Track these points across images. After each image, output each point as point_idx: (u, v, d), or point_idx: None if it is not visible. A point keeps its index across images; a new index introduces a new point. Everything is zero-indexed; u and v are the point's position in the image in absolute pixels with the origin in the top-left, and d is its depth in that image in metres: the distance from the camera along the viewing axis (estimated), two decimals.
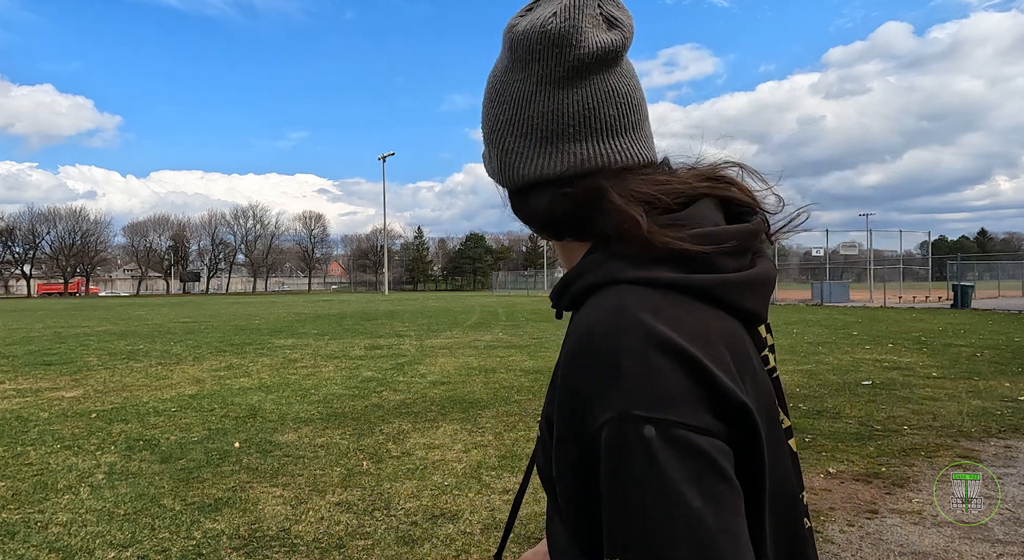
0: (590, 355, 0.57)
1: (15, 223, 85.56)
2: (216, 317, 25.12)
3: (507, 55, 0.71)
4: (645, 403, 0.53)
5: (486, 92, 0.74)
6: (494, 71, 0.73)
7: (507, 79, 0.71)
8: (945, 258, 41.87)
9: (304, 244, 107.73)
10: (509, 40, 0.70)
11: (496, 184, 0.77)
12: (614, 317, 0.58)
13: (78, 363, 11.23)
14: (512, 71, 0.70)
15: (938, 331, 15.34)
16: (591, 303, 0.62)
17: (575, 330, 0.61)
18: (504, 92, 0.71)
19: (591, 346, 0.58)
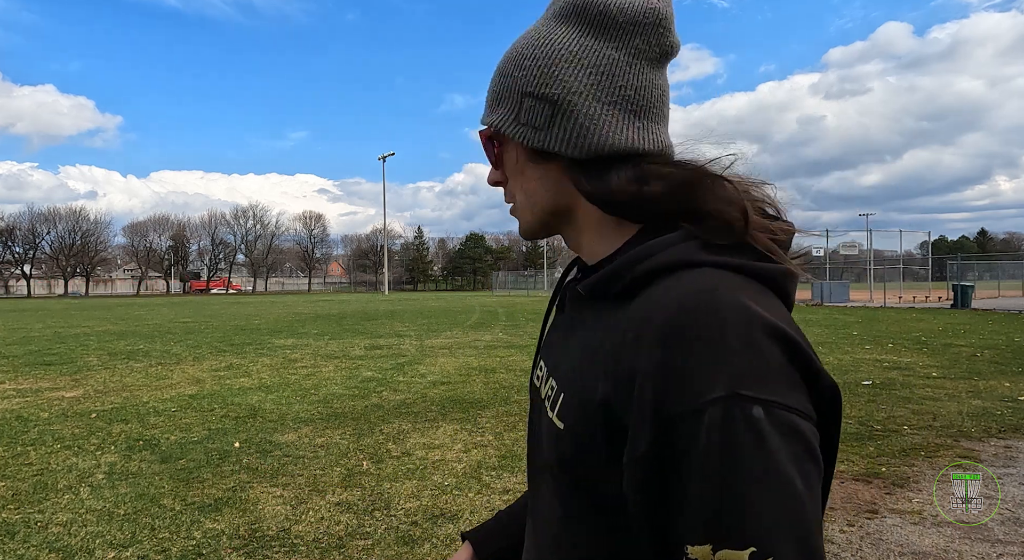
0: (690, 333, 0.54)
1: (15, 223, 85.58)
2: (216, 317, 25.12)
3: (586, 22, 0.69)
4: (753, 383, 0.52)
5: (551, 52, 0.69)
6: (556, 35, 0.70)
7: (590, 45, 0.69)
8: (945, 258, 41.86)
9: (304, 244, 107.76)
10: (601, 6, 0.68)
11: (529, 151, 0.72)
12: (712, 297, 0.56)
13: (78, 363, 11.23)
14: (598, 39, 0.69)
15: (938, 331, 15.34)
16: (671, 284, 0.60)
17: (659, 308, 0.58)
18: (587, 57, 0.68)
19: (691, 323, 0.55)
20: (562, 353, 0.74)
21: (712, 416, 0.51)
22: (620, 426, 0.58)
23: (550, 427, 0.68)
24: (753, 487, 0.50)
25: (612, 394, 0.59)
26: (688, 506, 0.52)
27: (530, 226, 0.78)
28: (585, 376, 0.64)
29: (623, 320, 0.61)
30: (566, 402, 0.66)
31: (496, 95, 0.74)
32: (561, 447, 0.65)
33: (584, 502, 0.65)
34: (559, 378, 0.70)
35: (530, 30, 0.74)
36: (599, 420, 0.61)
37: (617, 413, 0.59)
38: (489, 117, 0.75)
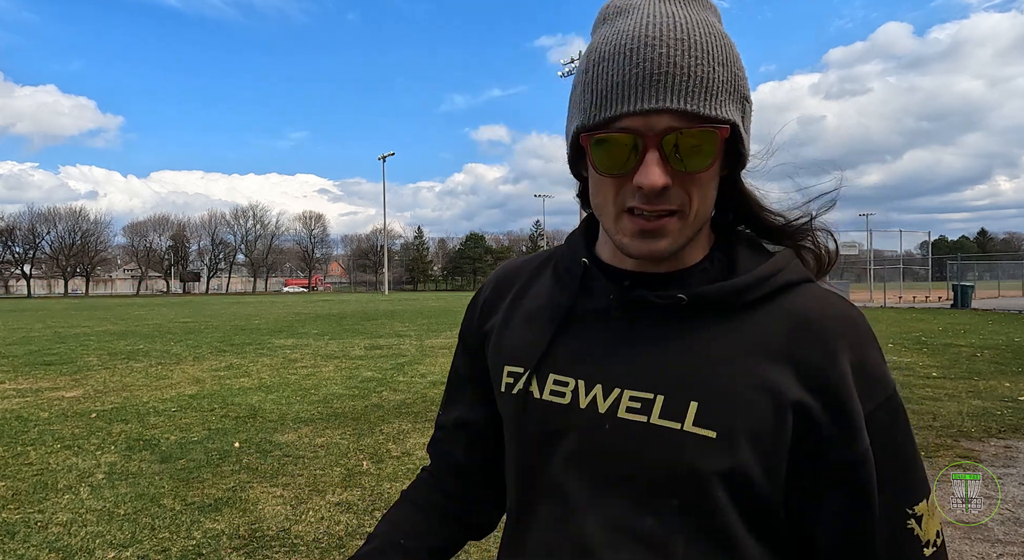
0: (869, 340, 0.70)
1: (15, 223, 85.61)
2: (216, 317, 25.12)
3: (715, 15, 0.69)
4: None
5: (725, 45, 0.66)
6: (715, 25, 0.67)
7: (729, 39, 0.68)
8: (945, 258, 41.86)
9: (304, 244, 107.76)
10: (711, 3, 0.70)
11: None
12: (858, 312, 0.72)
13: (78, 363, 11.23)
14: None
15: (938, 331, 15.33)
16: (817, 295, 0.72)
17: (845, 314, 0.71)
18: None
19: (868, 333, 0.70)
20: (649, 359, 0.70)
21: (895, 398, 0.70)
22: (813, 421, 0.66)
23: (685, 440, 0.66)
24: (918, 453, 0.72)
25: (806, 394, 0.66)
26: (909, 474, 0.69)
27: (687, 238, 0.69)
28: (741, 379, 0.67)
29: (778, 324, 0.69)
30: (709, 409, 0.66)
31: (723, 85, 0.64)
32: (720, 457, 0.65)
33: (750, 511, 0.67)
34: (666, 384, 0.68)
35: (709, 21, 0.66)
36: (789, 419, 0.66)
37: (814, 412, 0.66)
38: (726, 110, 0.64)
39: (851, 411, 0.65)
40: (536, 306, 0.81)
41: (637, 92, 0.62)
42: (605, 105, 0.64)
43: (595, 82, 0.65)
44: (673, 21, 0.63)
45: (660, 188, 0.63)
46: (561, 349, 0.76)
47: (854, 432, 0.65)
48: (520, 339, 0.80)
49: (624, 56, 0.63)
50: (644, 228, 0.66)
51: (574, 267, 0.78)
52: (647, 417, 0.68)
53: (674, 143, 0.63)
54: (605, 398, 0.71)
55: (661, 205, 0.65)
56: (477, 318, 0.89)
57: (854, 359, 0.67)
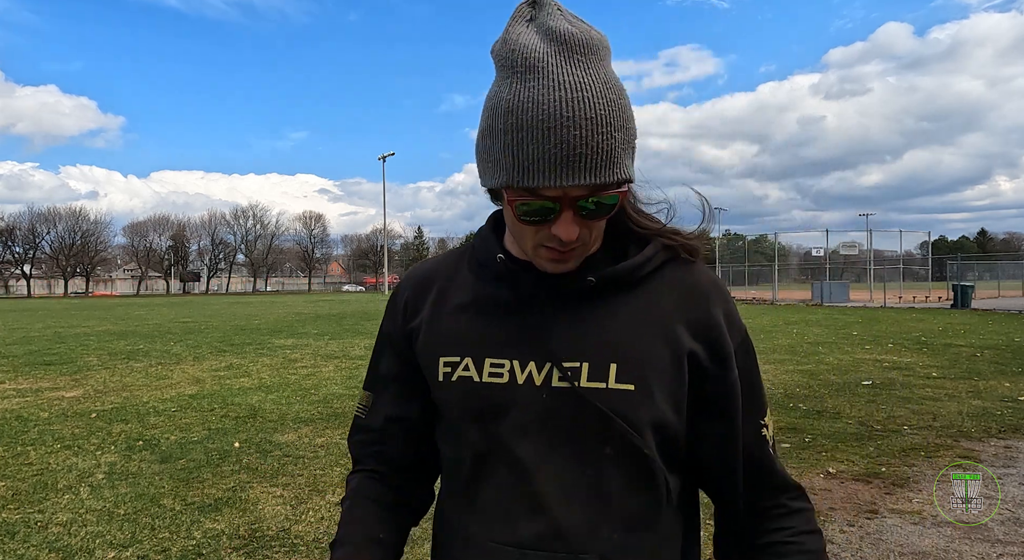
0: (727, 295, 0.90)
1: (15, 223, 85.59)
2: (216, 317, 25.12)
3: (610, 62, 0.78)
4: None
5: (619, 103, 0.75)
6: (614, 77, 0.77)
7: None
8: (945, 258, 41.86)
9: (304, 244, 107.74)
10: (607, 46, 0.77)
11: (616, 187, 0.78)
12: (717, 276, 0.93)
13: (78, 363, 11.23)
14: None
15: (938, 331, 15.34)
16: (688, 268, 0.89)
17: (705, 284, 0.88)
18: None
19: (725, 290, 0.91)
20: (571, 333, 0.83)
21: (747, 336, 0.90)
22: (701, 366, 0.84)
23: (611, 397, 0.81)
24: (762, 378, 0.92)
25: (696, 344, 0.84)
26: (758, 393, 0.90)
27: (588, 254, 0.85)
28: (647, 340, 0.83)
29: (667, 295, 0.86)
30: (626, 368, 0.81)
31: (622, 149, 0.75)
32: (642, 406, 0.81)
33: (667, 448, 0.84)
34: (588, 352, 0.82)
35: (608, 77, 0.74)
36: (684, 367, 0.83)
37: (701, 359, 0.84)
38: (625, 172, 0.75)
39: (726, 351, 0.85)
40: (462, 300, 0.90)
41: (557, 171, 0.72)
42: (528, 176, 0.73)
43: (517, 150, 0.73)
44: (582, 97, 0.71)
45: (575, 239, 0.78)
46: (492, 336, 0.86)
47: (728, 366, 0.85)
48: (453, 331, 0.89)
49: (542, 133, 0.71)
50: (558, 258, 0.81)
51: (491, 262, 0.88)
52: (577, 382, 0.81)
53: (585, 204, 0.76)
54: (539, 372, 0.83)
55: (571, 247, 0.79)
56: (401, 319, 0.96)
57: (723, 312, 0.87)
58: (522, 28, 0.76)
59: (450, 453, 0.92)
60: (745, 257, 41.69)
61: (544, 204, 0.75)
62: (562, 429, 0.82)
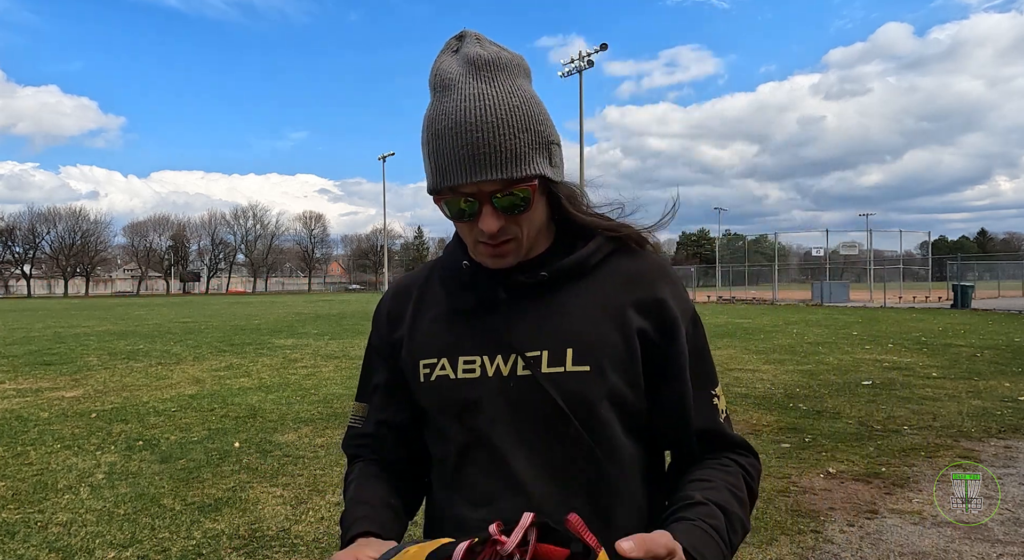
0: (675, 276, 0.99)
1: (15, 223, 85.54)
2: (216, 317, 25.12)
3: (524, 77, 0.90)
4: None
5: (542, 107, 0.89)
6: (533, 91, 0.90)
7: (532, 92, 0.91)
8: (945, 258, 41.85)
9: (304, 244, 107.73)
10: (522, 65, 0.90)
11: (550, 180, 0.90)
12: (664, 259, 1.02)
13: (78, 363, 11.23)
14: (533, 90, 0.92)
15: (938, 331, 15.34)
16: (631, 257, 0.99)
17: (652, 268, 0.98)
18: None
19: (672, 272, 1.00)
20: (531, 326, 0.93)
21: (696, 314, 0.98)
22: (650, 340, 0.92)
23: (569, 379, 0.89)
24: (710, 351, 1.01)
25: (644, 322, 0.93)
26: (708, 366, 0.98)
27: (525, 249, 0.93)
28: (599, 324, 0.92)
29: (614, 281, 0.95)
30: (581, 351, 0.90)
31: (529, 148, 0.85)
32: (598, 385, 0.89)
33: (626, 420, 0.93)
34: (547, 341, 0.91)
35: (513, 88, 0.86)
36: (635, 344, 0.92)
37: (650, 333, 0.93)
38: (534, 168, 0.85)
39: (673, 324, 0.93)
40: (435, 309, 1.01)
41: (466, 169, 0.83)
42: (445, 177, 0.85)
43: (435, 156, 0.86)
44: (484, 104, 0.83)
45: (496, 231, 0.86)
46: (463, 336, 0.96)
47: (675, 337, 0.93)
48: (429, 337, 0.99)
49: (451, 139, 0.83)
50: (493, 253, 0.91)
51: (456, 271, 0.99)
52: (539, 368, 0.90)
53: (500, 199, 0.85)
54: (505, 364, 0.92)
55: (501, 239, 0.89)
56: (386, 330, 1.06)
57: (669, 291, 0.95)
58: (446, 57, 0.88)
59: (438, 452, 1.00)
60: (745, 257, 41.71)
61: (463, 201, 0.86)
62: (528, 413, 0.90)
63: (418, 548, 0.72)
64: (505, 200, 0.85)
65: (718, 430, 0.96)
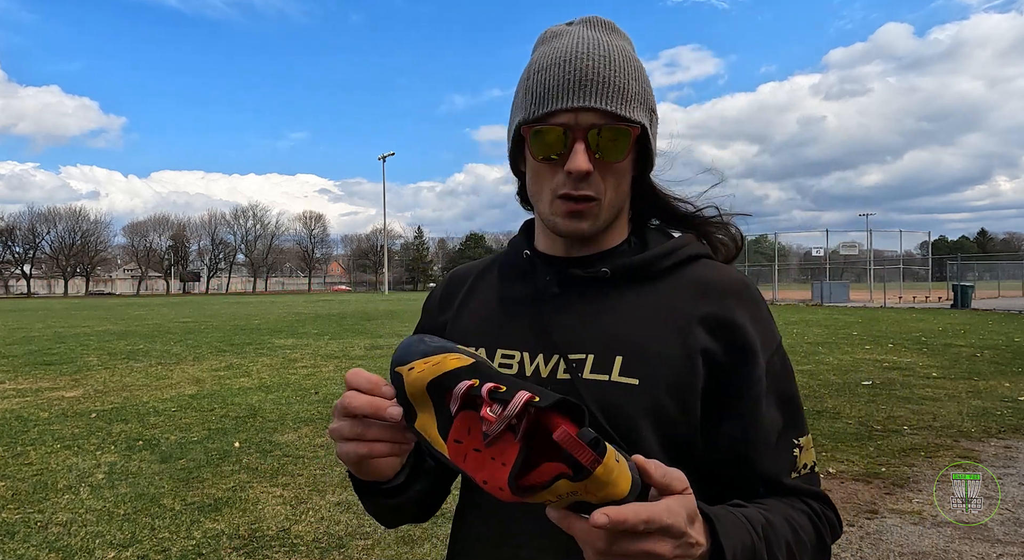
0: (758, 298, 0.86)
1: (15, 223, 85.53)
2: (216, 317, 25.11)
3: (633, 48, 0.86)
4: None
5: (637, 67, 0.83)
6: (630, 51, 0.84)
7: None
8: (945, 258, 41.85)
9: (304, 244, 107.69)
10: (629, 40, 0.87)
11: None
12: (747, 278, 0.88)
13: (78, 363, 11.23)
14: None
15: (938, 331, 15.34)
16: (710, 266, 0.87)
17: (731, 283, 0.85)
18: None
19: (755, 293, 0.86)
20: (581, 326, 0.84)
21: (782, 348, 0.85)
22: (717, 364, 0.80)
23: (612, 390, 0.79)
24: (799, 395, 0.86)
25: (712, 342, 0.81)
26: (793, 409, 0.83)
27: (604, 222, 0.84)
28: (658, 334, 0.81)
29: (685, 291, 0.84)
30: (632, 361, 0.80)
31: (636, 95, 0.80)
32: (644, 401, 0.79)
33: (671, 448, 0.80)
34: (595, 345, 0.82)
35: (626, 46, 0.84)
36: (698, 365, 0.80)
37: (718, 356, 0.80)
38: (639, 114, 0.80)
39: (750, 351, 0.81)
40: (485, 297, 0.95)
41: (568, 93, 0.77)
42: (542, 103, 0.79)
43: (535, 87, 0.80)
44: (597, 42, 0.80)
45: (584, 172, 0.77)
46: (507, 328, 0.89)
47: (751, 364, 0.81)
48: (471, 324, 0.93)
49: (558, 66, 0.79)
50: (572, 210, 0.81)
51: (518, 260, 0.92)
52: (580, 373, 0.81)
53: (596, 137, 0.78)
54: (546, 364, 0.84)
55: (584, 190, 0.79)
56: (436, 313, 1.01)
57: (749, 315, 0.83)
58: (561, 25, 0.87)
59: None
60: (745, 257, 41.66)
61: (555, 131, 0.78)
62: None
63: (423, 368, 0.64)
64: (604, 137, 0.78)
65: (790, 483, 0.81)
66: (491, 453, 0.57)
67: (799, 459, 0.82)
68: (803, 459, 0.83)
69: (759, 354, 0.81)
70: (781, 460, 0.81)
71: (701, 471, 0.82)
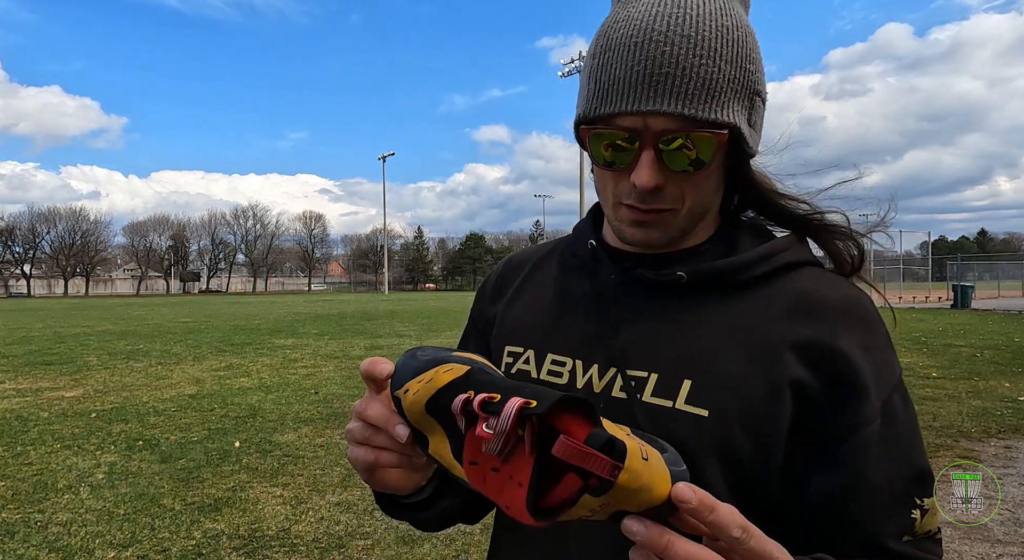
0: (873, 321, 0.69)
1: (15, 223, 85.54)
2: (216, 317, 25.11)
3: (743, 4, 0.70)
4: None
5: (755, 46, 0.67)
6: (747, 23, 0.67)
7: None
8: (945, 258, 41.86)
9: (304, 244, 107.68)
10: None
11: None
12: (861, 293, 0.72)
13: (78, 363, 11.22)
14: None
15: (938, 331, 15.34)
16: (816, 276, 0.72)
17: (837, 300, 0.69)
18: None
19: (869, 314, 0.69)
20: (646, 338, 0.70)
21: (903, 385, 0.69)
22: (811, 400, 0.65)
23: (676, 419, 0.66)
24: (923, 440, 0.69)
25: (806, 372, 0.65)
26: (915, 460, 0.66)
27: (681, 230, 0.71)
28: (738, 358, 0.67)
29: (779, 305, 0.68)
30: (703, 387, 0.66)
31: (729, 85, 0.63)
32: (713, 436, 0.65)
33: (740, 496, 0.65)
34: (660, 363, 0.69)
35: (727, 6, 0.65)
36: (785, 399, 0.65)
37: (812, 390, 0.65)
38: (728, 114, 0.63)
39: (856, 387, 0.65)
40: (539, 291, 0.82)
41: (636, 91, 0.61)
42: (605, 100, 0.64)
43: (599, 72, 0.64)
44: (684, 13, 0.62)
45: (652, 188, 0.64)
46: (561, 330, 0.76)
47: (852, 407, 0.65)
48: (521, 321, 0.81)
49: (628, 50, 0.62)
50: (639, 219, 0.68)
51: (581, 251, 0.79)
52: (639, 395, 0.68)
53: (670, 144, 0.63)
54: (600, 377, 0.71)
55: (654, 205, 0.66)
56: (489, 301, 0.89)
57: (859, 340, 0.66)
58: None
59: None
60: None
61: (618, 135, 0.64)
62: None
63: (418, 388, 0.58)
64: (676, 147, 0.63)
65: (897, 548, 0.64)
66: (509, 471, 0.48)
67: (918, 524, 0.65)
68: (925, 525, 0.65)
69: (870, 390, 0.65)
70: (892, 522, 0.64)
71: (780, 527, 0.64)
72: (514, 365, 0.78)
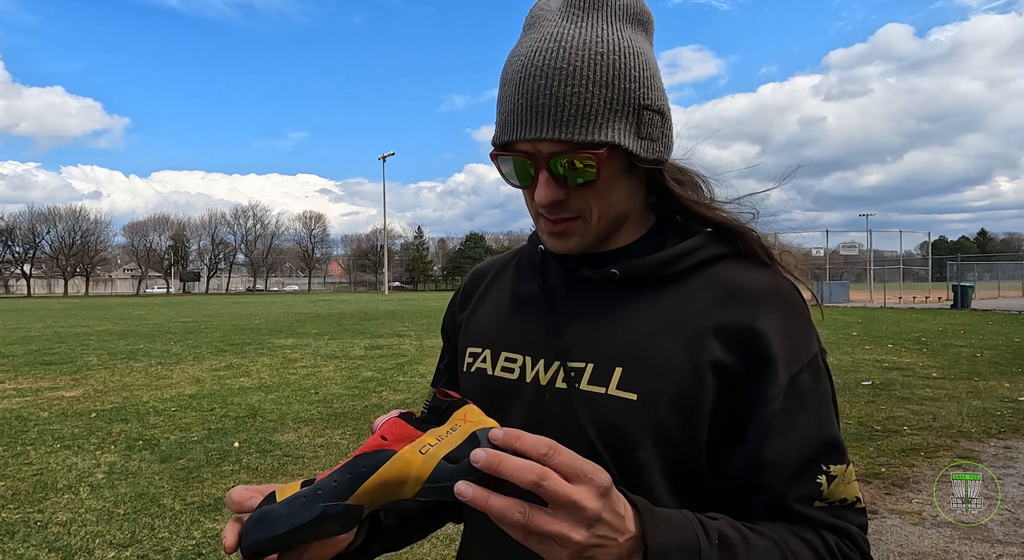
0: (793, 304, 0.75)
1: (15, 223, 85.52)
2: (216, 317, 25.10)
3: (642, 27, 0.75)
4: (819, 339, 0.76)
5: (648, 62, 0.72)
6: (641, 43, 0.72)
7: (651, 51, 0.75)
8: (945, 258, 41.86)
9: (304, 244, 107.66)
10: (647, 10, 0.75)
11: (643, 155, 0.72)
12: (783, 280, 0.78)
13: (78, 363, 11.22)
14: (649, 44, 0.75)
15: (938, 331, 15.33)
16: (735, 268, 0.77)
17: (757, 286, 0.75)
18: (656, 64, 0.75)
19: (789, 297, 0.76)
20: (584, 331, 0.77)
21: (819, 362, 0.73)
22: (731, 380, 0.70)
23: (608, 405, 0.72)
24: (837, 417, 0.74)
25: (726, 354, 0.71)
26: (824, 431, 0.71)
27: (597, 236, 0.77)
28: (665, 344, 0.73)
29: (706, 295, 0.74)
30: (631, 373, 0.72)
31: (605, 107, 0.68)
32: (643, 419, 0.71)
33: (672, 474, 0.72)
34: (595, 353, 0.75)
35: (606, 33, 0.70)
36: (707, 380, 0.70)
37: (731, 370, 0.70)
38: (605, 133, 0.68)
39: (765, 367, 0.70)
40: (499, 295, 0.90)
41: (523, 122, 0.69)
42: (504, 130, 0.72)
43: (500, 104, 0.73)
44: (559, 47, 0.68)
45: (550, 203, 0.72)
46: (514, 329, 0.84)
47: (763, 384, 0.70)
48: (481, 324, 0.89)
49: (515, 85, 0.70)
50: (552, 230, 0.76)
51: (533, 256, 0.87)
52: (577, 384, 0.74)
53: (559, 165, 0.70)
54: (546, 371, 0.78)
55: (560, 214, 0.74)
56: (457, 310, 0.97)
57: (776, 321, 0.72)
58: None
59: None
60: None
61: (517, 160, 0.72)
62: (561, 433, 0.66)
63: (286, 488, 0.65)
64: (562, 167, 0.70)
65: (802, 510, 0.69)
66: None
67: (826, 490, 0.69)
68: (835, 491, 0.69)
69: (779, 366, 0.70)
70: (798, 488, 0.69)
71: (716, 504, 0.71)
72: (473, 364, 0.86)
